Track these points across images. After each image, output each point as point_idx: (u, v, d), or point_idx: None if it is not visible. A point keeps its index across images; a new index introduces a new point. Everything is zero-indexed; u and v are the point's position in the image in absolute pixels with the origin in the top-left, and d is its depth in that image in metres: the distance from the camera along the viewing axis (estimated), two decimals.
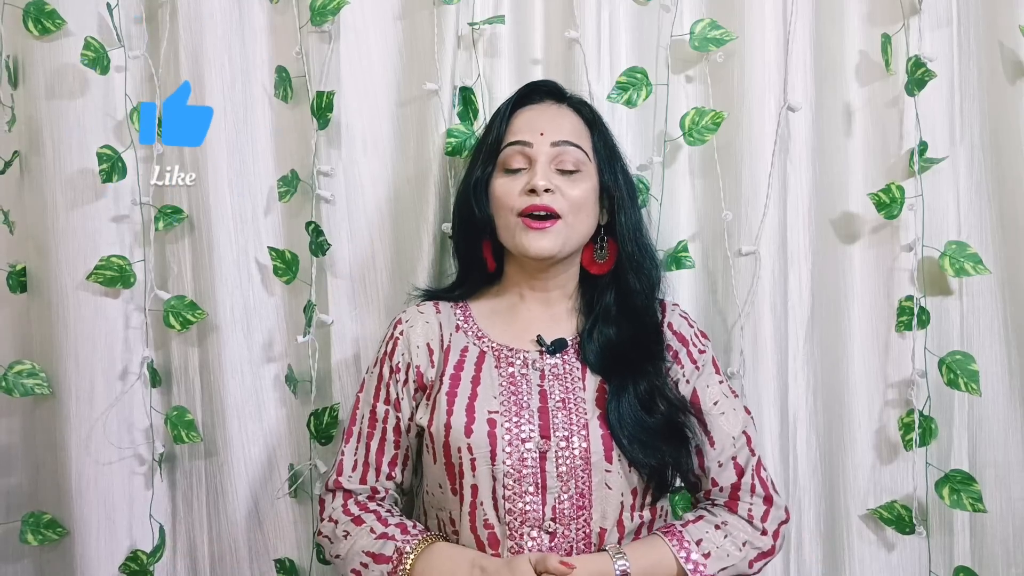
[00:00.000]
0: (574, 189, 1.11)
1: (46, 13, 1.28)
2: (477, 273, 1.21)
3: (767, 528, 1.10)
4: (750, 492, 1.11)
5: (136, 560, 1.38)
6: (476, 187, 1.15)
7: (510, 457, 1.05)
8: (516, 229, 1.11)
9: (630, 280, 1.15)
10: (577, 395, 1.09)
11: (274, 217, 1.39)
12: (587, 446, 1.06)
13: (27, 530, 1.35)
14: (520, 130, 1.14)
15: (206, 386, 1.39)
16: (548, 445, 1.06)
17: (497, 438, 1.06)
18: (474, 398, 1.09)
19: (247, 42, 1.36)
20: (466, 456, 1.06)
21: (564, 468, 1.05)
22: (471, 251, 1.19)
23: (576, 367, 1.12)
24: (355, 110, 1.34)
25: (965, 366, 1.29)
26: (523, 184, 1.11)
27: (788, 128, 1.30)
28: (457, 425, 1.07)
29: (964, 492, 1.29)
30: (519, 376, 1.11)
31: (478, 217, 1.15)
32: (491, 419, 1.07)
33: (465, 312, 1.19)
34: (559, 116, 1.16)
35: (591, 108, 1.20)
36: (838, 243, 1.36)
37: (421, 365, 1.14)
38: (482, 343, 1.15)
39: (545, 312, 1.17)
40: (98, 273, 1.32)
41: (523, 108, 1.17)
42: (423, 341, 1.15)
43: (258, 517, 1.39)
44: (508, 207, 1.12)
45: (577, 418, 1.07)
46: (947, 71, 1.31)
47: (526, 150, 1.12)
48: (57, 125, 1.31)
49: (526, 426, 1.07)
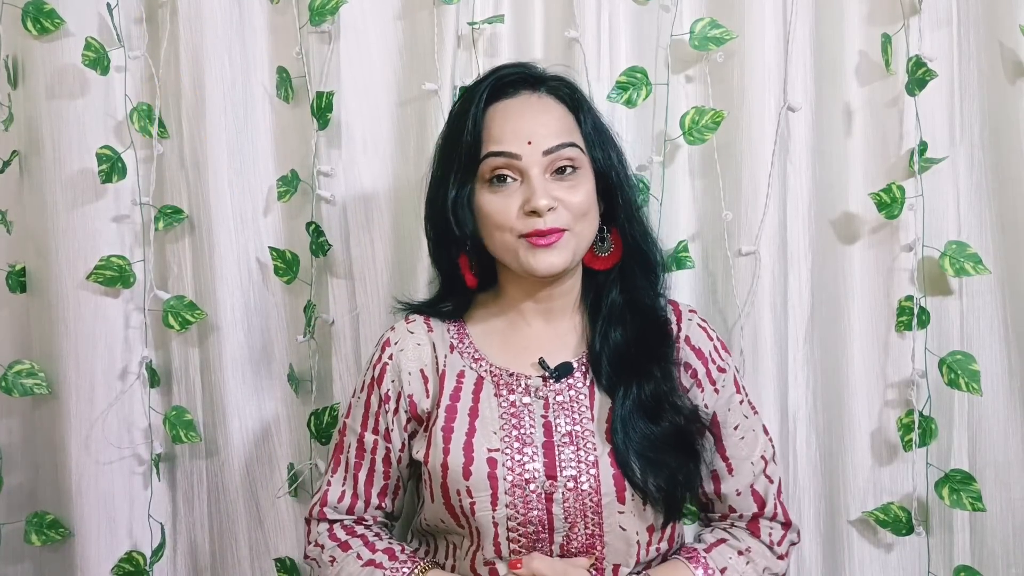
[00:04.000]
0: (575, 195, 1.01)
1: (45, 12, 1.28)
2: (461, 288, 1.09)
3: (782, 553, 1.08)
4: (771, 519, 1.08)
5: (131, 561, 1.37)
6: (456, 205, 1.02)
7: (513, 500, 0.97)
8: (519, 249, 1.00)
9: (636, 273, 1.07)
10: (585, 427, 1.01)
11: (274, 217, 1.39)
12: (596, 486, 0.97)
13: (31, 530, 1.35)
14: (501, 137, 1.00)
15: (206, 386, 1.39)
16: (555, 487, 0.98)
17: (498, 480, 0.97)
18: (472, 434, 1.00)
19: (247, 42, 1.35)
20: (466, 500, 0.98)
21: (573, 510, 0.98)
22: (453, 268, 1.08)
23: (583, 393, 1.03)
24: (355, 110, 1.34)
25: (966, 366, 1.29)
26: (519, 202, 0.99)
27: (788, 128, 1.30)
28: (455, 466, 0.99)
29: (964, 492, 1.29)
30: (521, 406, 1.02)
31: (458, 236, 1.03)
32: (491, 458, 0.98)
33: (460, 330, 1.10)
34: (543, 112, 1.03)
35: (570, 86, 1.08)
36: (838, 243, 1.36)
37: (414, 394, 1.06)
38: (479, 366, 1.06)
39: (548, 328, 1.08)
40: (98, 273, 1.32)
41: (497, 103, 1.03)
42: (416, 367, 1.06)
43: (258, 516, 1.39)
44: (505, 228, 1.00)
45: (585, 454, 0.99)
46: (947, 71, 1.31)
47: (514, 163, 0.99)
48: (57, 125, 1.31)
49: (530, 464, 0.98)
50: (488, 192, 1.02)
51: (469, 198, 1.03)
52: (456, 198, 1.02)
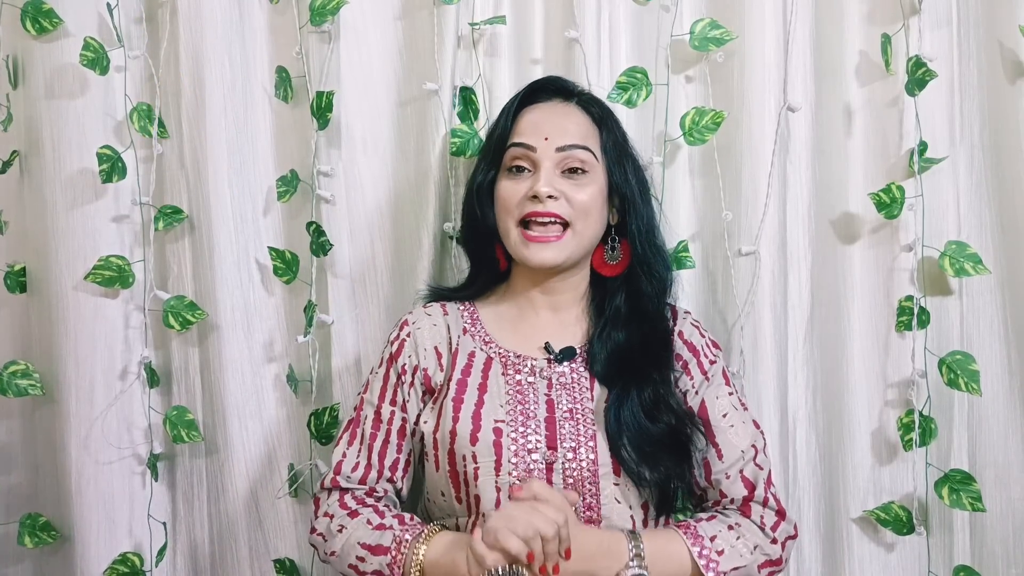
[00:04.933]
0: (580, 193, 1.08)
1: (43, 12, 1.28)
2: (488, 273, 1.18)
3: (777, 538, 1.08)
4: (762, 504, 1.09)
5: (125, 562, 1.37)
6: (480, 191, 1.12)
7: (516, 468, 1.03)
8: (517, 242, 1.09)
9: (642, 282, 1.12)
10: (584, 405, 1.07)
11: (274, 217, 1.39)
12: (595, 458, 1.04)
13: (24, 532, 1.35)
14: (524, 132, 1.10)
15: (206, 386, 1.39)
16: (555, 457, 1.04)
17: (503, 448, 1.04)
18: (480, 405, 1.07)
19: (247, 42, 1.35)
20: (470, 465, 1.04)
21: (572, 480, 1.03)
22: (481, 252, 1.17)
23: (584, 376, 1.10)
24: (355, 110, 1.34)
25: (965, 366, 1.29)
26: (526, 188, 1.08)
27: (788, 128, 1.30)
28: (463, 432, 1.05)
29: (964, 492, 1.29)
30: (526, 384, 1.09)
31: (481, 221, 1.12)
32: (497, 428, 1.05)
33: (473, 315, 1.17)
34: (565, 117, 1.12)
35: (601, 105, 1.17)
36: (838, 243, 1.36)
37: (429, 368, 1.12)
38: (489, 348, 1.12)
39: (554, 317, 1.14)
40: (96, 273, 1.32)
41: (530, 107, 1.13)
42: (431, 344, 1.13)
43: (258, 517, 1.39)
44: (509, 211, 1.09)
45: (584, 429, 1.06)
46: (947, 71, 1.31)
47: (530, 154, 1.09)
48: (57, 125, 1.31)
49: (532, 436, 1.05)
50: (506, 179, 1.11)
51: (491, 184, 1.12)
52: (481, 183, 1.13)
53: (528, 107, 1.13)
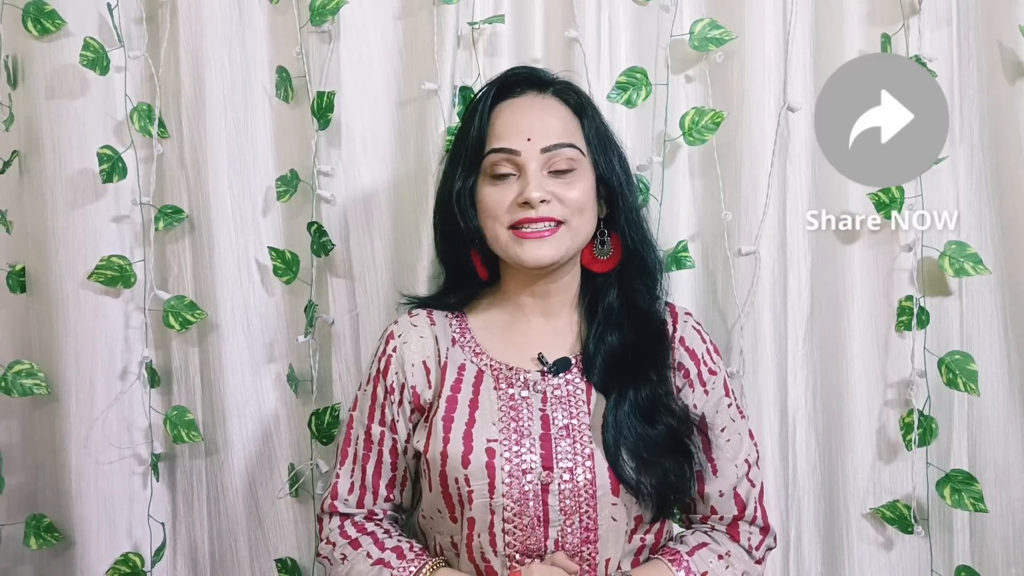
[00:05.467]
0: (571, 191, 1.04)
1: (45, 13, 1.28)
2: (468, 281, 1.13)
3: (759, 557, 1.09)
4: (750, 522, 1.09)
5: (127, 563, 1.37)
6: (459, 197, 1.06)
7: (510, 489, 0.99)
8: (509, 242, 1.04)
9: (634, 276, 1.09)
10: (581, 421, 1.03)
11: (274, 217, 1.39)
12: (592, 478, 0.99)
13: (30, 533, 1.35)
14: (504, 134, 1.04)
15: (207, 386, 1.39)
16: (551, 477, 0.99)
17: (496, 469, 0.99)
18: (472, 424, 1.02)
19: (247, 42, 1.35)
20: (463, 487, 1.00)
21: (568, 502, 0.99)
22: (459, 261, 1.12)
23: (580, 388, 1.05)
24: (355, 110, 1.34)
25: (964, 366, 1.29)
26: (515, 194, 1.03)
27: (788, 128, 1.30)
28: (454, 454, 1.01)
29: (965, 492, 1.29)
30: (519, 399, 1.04)
31: (464, 229, 1.07)
32: (490, 448, 1.00)
33: (462, 324, 1.12)
34: (545, 112, 1.06)
35: (578, 91, 1.12)
36: (837, 243, 1.36)
37: (417, 385, 1.08)
38: (480, 360, 1.08)
39: (546, 324, 1.11)
40: (99, 273, 1.32)
41: (503, 102, 1.07)
42: (418, 359, 1.09)
43: (259, 517, 1.39)
44: (497, 218, 1.04)
45: (581, 447, 1.01)
46: (947, 71, 1.31)
47: (513, 158, 1.03)
48: (57, 125, 1.31)
49: (527, 456, 1.00)
50: (488, 185, 1.06)
51: (472, 191, 1.07)
52: (460, 190, 1.07)
53: (501, 103, 1.07)
